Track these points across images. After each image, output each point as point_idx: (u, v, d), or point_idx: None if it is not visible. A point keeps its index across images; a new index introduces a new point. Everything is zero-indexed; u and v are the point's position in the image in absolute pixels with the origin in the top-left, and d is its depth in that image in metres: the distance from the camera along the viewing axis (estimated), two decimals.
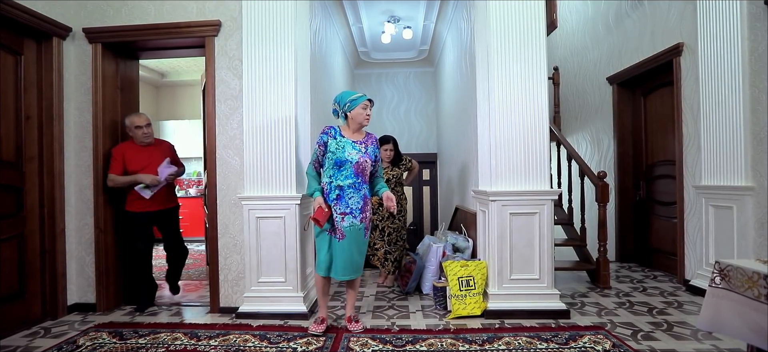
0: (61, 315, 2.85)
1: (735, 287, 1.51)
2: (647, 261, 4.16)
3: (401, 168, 3.69)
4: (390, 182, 3.59)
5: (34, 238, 2.73)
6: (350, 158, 2.41)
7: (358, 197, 2.44)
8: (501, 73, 2.73)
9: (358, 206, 2.43)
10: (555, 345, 2.27)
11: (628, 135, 4.35)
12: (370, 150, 2.50)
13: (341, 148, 2.42)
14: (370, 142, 2.52)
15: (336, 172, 2.43)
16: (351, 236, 2.42)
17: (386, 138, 3.69)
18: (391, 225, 3.61)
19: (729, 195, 2.94)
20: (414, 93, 7.63)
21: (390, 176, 3.61)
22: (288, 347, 2.31)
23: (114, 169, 2.87)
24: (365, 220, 2.48)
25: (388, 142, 3.66)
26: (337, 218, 2.41)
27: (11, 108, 2.61)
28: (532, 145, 2.71)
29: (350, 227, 2.41)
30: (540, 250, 2.70)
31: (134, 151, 2.94)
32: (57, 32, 2.81)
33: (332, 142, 2.44)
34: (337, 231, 2.41)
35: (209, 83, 2.91)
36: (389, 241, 3.61)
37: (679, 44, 3.43)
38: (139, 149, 2.95)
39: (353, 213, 2.42)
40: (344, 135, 2.47)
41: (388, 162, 3.68)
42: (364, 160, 2.43)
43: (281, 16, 2.77)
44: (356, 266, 2.48)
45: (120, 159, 2.87)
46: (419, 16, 5.55)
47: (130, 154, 2.92)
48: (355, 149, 2.44)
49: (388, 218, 3.60)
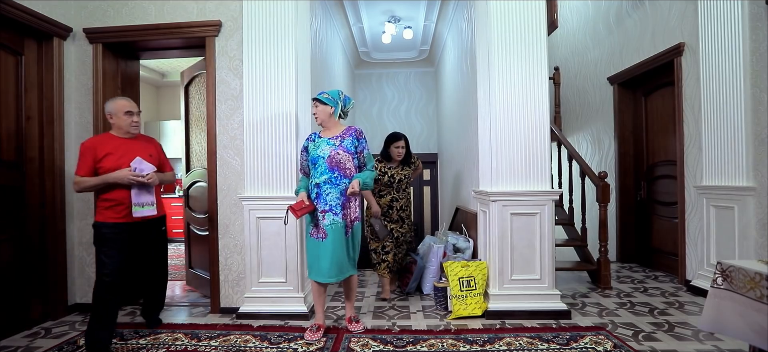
0: (62, 315, 2.85)
1: (737, 287, 1.51)
2: (648, 261, 4.15)
3: (411, 168, 3.43)
4: (402, 183, 3.34)
5: (35, 238, 2.73)
6: (322, 154, 2.41)
7: (337, 192, 2.39)
8: (502, 73, 2.72)
9: (337, 202, 2.38)
10: (556, 346, 2.27)
11: (629, 135, 4.34)
12: (347, 142, 2.44)
13: (316, 146, 2.45)
14: (347, 135, 2.47)
15: (313, 170, 2.44)
16: (333, 234, 2.36)
17: (398, 135, 3.32)
18: (400, 229, 3.38)
19: (730, 195, 2.94)
20: (414, 93, 7.62)
21: (402, 176, 3.32)
22: (289, 347, 2.30)
23: (81, 169, 2.26)
24: (347, 217, 2.42)
25: (399, 139, 3.30)
26: (319, 216, 2.38)
27: (12, 108, 2.61)
28: (533, 145, 2.71)
29: (331, 224, 2.37)
30: (541, 250, 2.70)
31: (112, 145, 2.33)
32: (58, 32, 2.81)
33: (311, 145, 2.48)
34: (319, 231, 2.39)
35: (209, 83, 2.91)
36: (397, 244, 3.40)
37: (680, 44, 3.43)
38: (118, 143, 2.35)
39: (333, 210, 2.38)
40: (321, 135, 2.50)
41: (399, 161, 3.35)
42: (336, 153, 2.39)
43: (282, 16, 2.77)
44: (343, 266, 2.40)
45: (90, 157, 2.27)
46: (420, 16, 5.55)
47: (104, 148, 2.30)
48: (328, 145, 2.43)
49: (398, 222, 3.36)
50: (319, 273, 2.39)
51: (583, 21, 5.08)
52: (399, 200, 3.34)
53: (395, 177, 3.29)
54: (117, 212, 2.32)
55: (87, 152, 2.28)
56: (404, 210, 3.38)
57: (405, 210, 3.39)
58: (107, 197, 2.31)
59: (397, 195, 3.33)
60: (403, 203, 3.36)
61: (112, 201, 2.32)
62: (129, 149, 2.35)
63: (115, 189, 2.32)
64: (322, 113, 2.47)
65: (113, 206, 2.32)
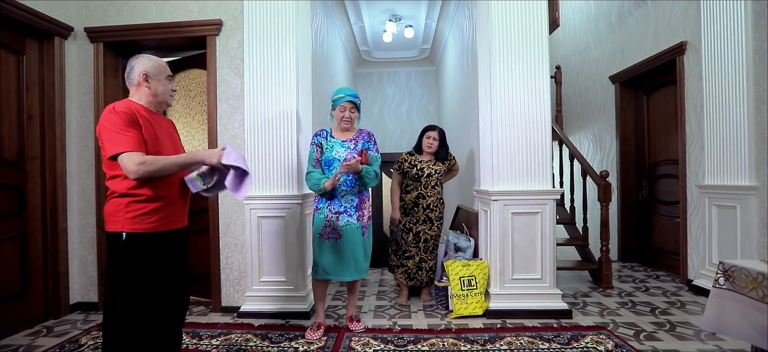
0: (64, 314, 2.85)
1: (739, 288, 1.50)
2: (650, 261, 4.14)
3: (445, 164, 3.14)
4: (431, 178, 3.05)
5: (37, 237, 2.74)
6: (338, 156, 2.40)
7: (352, 194, 2.43)
8: (503, 72, 2.72)
9: (352, 204, 2.42)
10: (557, 345, 2.26)
11: (631, 134, 4.33)
12: (361, 145, 2.46)
13: (330, 148, 2.44)
14: (360, 138, 2.49)
15: (327, 172, 2.43)
16: (348, 235, 2.40)
17: (432, 125, 3.16)
18: (428, 231, 3.08)
19: (732, 195, 2.92)
20: (415, 92, 7.62)
21: (432, 171, 3.05)
22: (290, 346, 2.30)
23: (130, 142, 1.51)
24: (362, 218, 2.45)
25: (433, 130, 3.10)
26: (333, 218, 2.40)
27: (13, 107, 2.61)
28: (535, 144, 2.70)
29: (346, 225, 2.40)
30: (542, 250, 2.69)
31: (147, 119, 1.62)
32: (59, 32, 2.81)
33: (325, 143, 2.46)
34: (334, 232, 2.40)
35: (210, 82, 2.91)
36: (425, 248, 3.08)
37: (682, 43, 3.41)
38: (150, 116, 1.65)
39: (348, 211, 2.41)
40: (334, 135, 2.48)
41: (431, 154, 3.12)
42: (352, 157, 2.36)
43: (283, 15, 2.77)
44: (360, 266, 2.45)
45: (134, 126, 1.55)
46: (421, 15, 5.54)
47: (144, 121, 1.60)
48: (343, 147, 2.43)
49: (425, 222, 3.07)
50: (337, 272, 2.40)
51: (584, 19, 5.06)
52: (427, 198, 3.05)
53: (424, 171, 3.04)
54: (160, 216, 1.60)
55: (127, 119, 1.53)
56: (433, 210, 3.07)
57: (434, 210, 3.07)
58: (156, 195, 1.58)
59: (425, 192, 3.05)
60: (432, 201, 3.06)
61: (163, 199, 1.62)
62: (156, 126, 1.65)
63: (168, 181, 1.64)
64: (355, 118, 2.47)
65: (152, 212, 1.58)
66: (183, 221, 1.74)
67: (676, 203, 3.69)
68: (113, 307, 1.55)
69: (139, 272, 1.56)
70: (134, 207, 1.55)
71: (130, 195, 1.55)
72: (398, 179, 3.13)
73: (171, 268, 1.67)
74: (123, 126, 1.52)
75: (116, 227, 1.55)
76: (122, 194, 1.55)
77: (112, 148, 1.50)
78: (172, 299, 1.69)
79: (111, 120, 1.52)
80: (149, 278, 1.58)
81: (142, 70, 1.65)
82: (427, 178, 3.05)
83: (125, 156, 1.49)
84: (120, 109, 1.55)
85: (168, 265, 1.66)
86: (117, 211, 1.55)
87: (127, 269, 1.55)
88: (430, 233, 3.09)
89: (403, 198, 3.11)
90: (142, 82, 1.66)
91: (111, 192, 1.59)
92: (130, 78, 1.67)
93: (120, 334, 1.53)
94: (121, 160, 1.50)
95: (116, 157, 1.51)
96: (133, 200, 1.55)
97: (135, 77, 1.66)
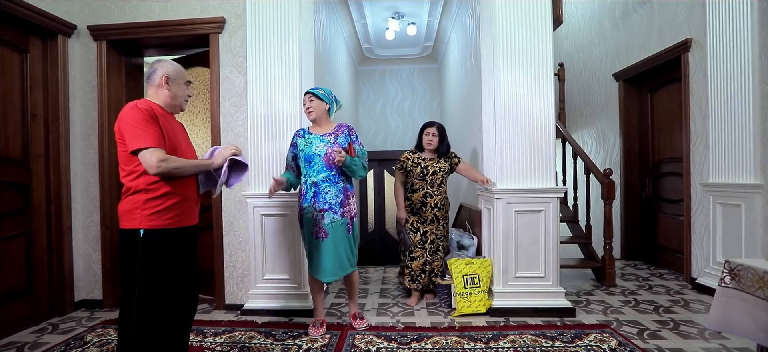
0: (69, 312, 2.87)
1: (745, 287, 1.50)
2: (653, 259, 4.13)
3: (447, 162, 3.07)
4: (436, 176, 3.00)
5: (41, 235, 2.75)
6: (318, 151, 2.37)
7: (336, 190, 2.38)
8: (506, 70, 2.71)
9: (337, 200, 2.37)
10: (560, 343, 2.26)
11: (635, 132, 4.31)
12: (341, 139, 2.42)
13: (309, 143, 2.41)
14: (340, 132, 2.45)
15: (308, 168, 2.40)
16: (334, 233, 2.36)
17: (430, 121, 3.11)
18: (435, 230, 3.03)
19: (737, 193, 2.91)
20: (418, 90, 7.60)
21: (436, 168, 2.99)
22: (293, 344, 2.31)
23: (151, 139, 1.56)
24: (347, 214, 2.41)
25: (432, 126, 3.05)
26: (318, 216, 2.36)
27: (17, 106, 2.62)
28: (538, 142, 2.69)
29: (331, 223, 2.36)
30: (545, 248, 2.69)
31: (165, 118, 1.69)
32: (62, 30, 2.81)
33: (301, 141, 2.43)
34: (320, 230, 2.36)
35: (213, 80, 2.91)
36: (432, 250, 3.04)
37: (687, 40, 3.39)
38: (167, 116, 1.72)
39: (333, 208, 2.36)
40: (312, 132, 2.45)
41: (431, 151, 3.07)
42: (332, 150, 2.34)
43: (285, 13, 2.77)
44: (344, 263, 2.40)
45: (155, 124, 1.60)
46: (424, 13, 5.52)
47: (163, 120, 1.66)
48: (322, 142, 2.40)
49: (433, 222, 3.02)
50: (321, 272, 2.38)
51: (588, 16, 5.04)
52: (434, 197, 2.99)
53: (428, 169, 2.99)
54: (178, 211, 1.65)
55: (149, 116, 1.59)
56: (440, 209, 3.03)
57: (442, 209, 3.04)
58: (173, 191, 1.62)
59: (432, 190, 2.99)
60: (439, 200, 3.01)
61: (180, 196, 1.66)
62: (172, 128, 1.71)
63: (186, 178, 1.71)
64: (318, 109, 2.42)
65: (172, 207, 1.62)
66: (196, 218, 1.77)
67: (680, 201, 3.67)
68: (129, 303, 1.57)
69: (156, 269, 1.59)
70: (152, 204, 1.58)
71: (149, 190, 1.58)
72: (401, 178, 3.12)
73: (185, 264, 1.70)
74: (145, 122, 1.57)
75: (133, 224, 1.57)
76: (139, 190, 1.58)
77: (135, 142, 1.55)
78: (186, 295, 1.72)
79: (133, 116, 1.57)
80: (166, 274, 1.61)
81: (164, 72, 1.72)
82: (433, 176, 3.00)
83: (148, 152, 1.54)
84: (142, 106, 1.60)
85: (183, 261, 1.69)
86: (134, 208, 1.58)
87: (144, 265, 1.57)
88: (437, 232, 3.06)
89: (410, 197, 3.06)
90: (164, 84, 1.71)
91: (126, 189, 1.61)
92: (152, 79, 1.72)
93: (136, 330, 1.56)
94: (142, 155, 1.55)
95: (138, 152, 1.55)
96: (151, 196, 1.58)
97: (157, 79, 1.71)
